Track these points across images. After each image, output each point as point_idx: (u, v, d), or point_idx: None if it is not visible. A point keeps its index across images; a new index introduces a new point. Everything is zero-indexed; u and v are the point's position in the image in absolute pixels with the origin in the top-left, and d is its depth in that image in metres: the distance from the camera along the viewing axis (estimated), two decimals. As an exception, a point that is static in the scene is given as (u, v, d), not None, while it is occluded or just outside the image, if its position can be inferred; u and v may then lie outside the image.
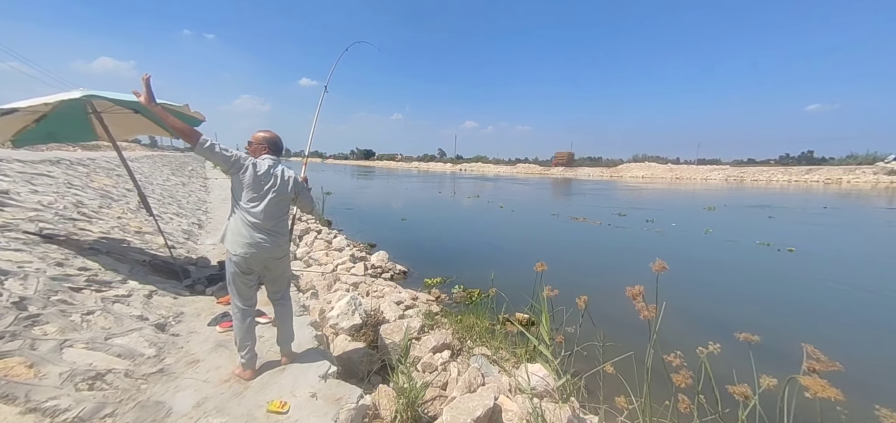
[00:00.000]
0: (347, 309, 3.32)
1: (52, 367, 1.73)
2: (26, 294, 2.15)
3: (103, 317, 2.35)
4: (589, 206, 16.42)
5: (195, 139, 1.84)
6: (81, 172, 6.74)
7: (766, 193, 27.17)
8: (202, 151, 1.86)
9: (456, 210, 15.57)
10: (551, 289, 2.65)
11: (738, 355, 1.79)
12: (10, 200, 3.67)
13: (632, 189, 29.92)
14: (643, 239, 9.51)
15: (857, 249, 8.77)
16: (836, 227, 11.78)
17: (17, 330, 1.84)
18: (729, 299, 5.63)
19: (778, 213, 14.76)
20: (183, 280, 3.58)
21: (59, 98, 2.63)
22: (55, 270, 2.61)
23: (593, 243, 9.21)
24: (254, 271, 2.05)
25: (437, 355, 3.00)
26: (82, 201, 4.85)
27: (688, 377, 1.65)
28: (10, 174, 4.63)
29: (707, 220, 12.76)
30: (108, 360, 1.98)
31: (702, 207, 16.12)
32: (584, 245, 9.01)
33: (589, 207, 16.00)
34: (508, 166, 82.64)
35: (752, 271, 6.91)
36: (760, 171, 52.11)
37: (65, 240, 3.30)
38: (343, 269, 5.64)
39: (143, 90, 1.89)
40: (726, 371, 1.89)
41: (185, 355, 2.33)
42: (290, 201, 2.17)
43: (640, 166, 64.30)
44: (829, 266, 7.23)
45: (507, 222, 12.23)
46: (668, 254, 7.86)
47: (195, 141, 1.84)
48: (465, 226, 11.71)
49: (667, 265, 1.61)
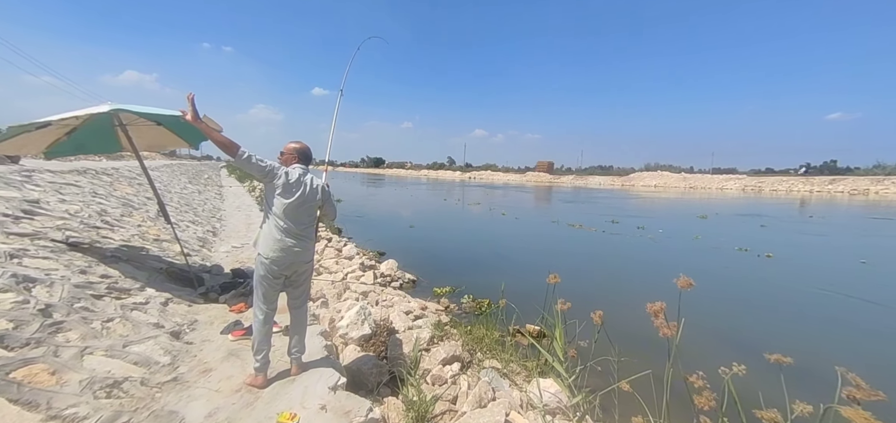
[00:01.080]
0: (357, 319, 3.32)
1: (73, 374, 1.78)
2: (52, 301, 2.23)
3: (122, 324, 2.41)
4: (587, 214, 17.09)
5: (235, 151, 1.97)
6: (105, 181, 7.02)
7: (785, 203, 26.39)
8: (241, 162, 1.99)
9: (461, 218, 15.81)
10: (564, 302, 2.60)
11: (760, 375, 1.71)
12: (40, 210, 3.84)
13: (635, 198, 30.15)
14: (634, 245, 10.03)
15: (833, 256, 9.27)
16: (821, 235, 12.23)
17: (42, 337, 1.90)
18: (698, 299, 5.92)
19: (772, 223, 15.01)
20: (197, 288, 3.65)
21: (89, 112, 2.76)
22: (79, 277, 2.71)
23: (589, 249, 9.64)
24: (281, 276, 2.13)
25: (447, 367, 2.96)
26: (106, 210, 5.04)
27: (711, 399, 1.57)
28: (40, 184, 4.86)
29: (698, 228, 13.26)
30: (126, 368, 2.02)
31: (695, 216, 16.74)
32: (579, 251, 9.40)
33: (586, 214, 16.64)
34: (518, 175, 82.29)
35: (723, 273, 7.39)
36: (780, 181, 50.52)
37: (88, 248, 3.42)
38: (353, 277, 5.66)
39: (188, 109, 2.01)
40: (748, 393, 1.80)
41: (198, 363, 2.36)
42: (317, 208, 2.25)
43: (652, 175, 63.12)
44: (801, 271, 7.67)
45: (510, 231, 12.47)
46: (652, 258, 8.72)
47: (235, 153, 1.97)
48: (471, 234, 11.88)
49: (693, 281, 1.55)
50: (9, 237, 2.85)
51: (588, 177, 70.74)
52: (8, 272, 2.25)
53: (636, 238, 11.01)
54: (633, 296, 5.80)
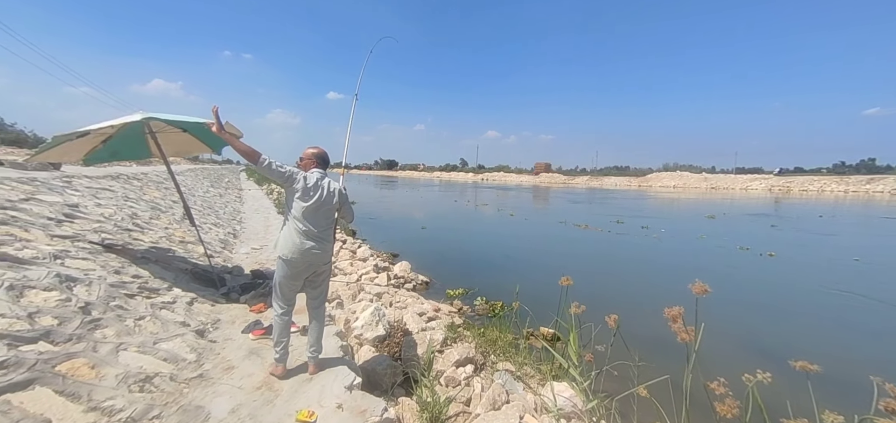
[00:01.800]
0: (371, 320, 3.38)
1: (110, 369, 1.89)
2: (90, 299, 2.38)
3: (152, 322, 2.55)
4: (594, 214, 17.31)
5: (256, 159, 2.07)
6: (136, 186, 7.42)
7: (816, 205, 25.18)
8: (261, 168, 2.08)
9: (473, 219, 16.07)
10: (578, 305, 2.56)
11: (781, 381, 1.64)
12: (79, 213, 4.10)
13: (647, 198, 30.16)
14: (638, 245, 10.17)
15: (835, 254, 9.25)
16: (828, 235, 12.19)
17: (83, 333, 2.04)
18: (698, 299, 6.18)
19: (782, 223, 14.94)
20: (219, 288, 3.81)
21: (123, 121, 2.94)
22: (113, 277, 2.88)
23: (593, 249, 9.76)
24: (301, 277, 2.21)
25: (461, 369, 2.97)
26: (136, 213, 5.33)
27: (734, 407, 1.52)
28: (79, 189, 5.19)
29: (704, 227, 13.34)
30: (156, 364, 2.14)
31: (703, 216, 16.85)
32: (584, 252, 9.50)
33: (593, 215, 16.87)
34: (531, 176, 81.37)
35: (723, 272, 7.52)
36: (810, 180, 47.89)
37: (121, 249, 3.63)
38: (367, 279, 5.76)
39: (213, 120, 2.14)
40: (770, 399, 1.73)
41: (221, 361, 2.46)
42: (335, 211, 2.32)
43: (670, 176, 61.12)
44: (802, 269, 7.76)
45: (519, 231, 12.62)
46: (652, 257, 8.80)
47: (256, 160, 2.07)
48: (482, 235, 12.02)
49: (708, 288, 1.51)
50: (53, 239, 3.07)
51: (603, 178, 69.17)
52: (53, 272, 2.42)
53: (640, 238, 11.15)
54: (639, 297, 5.94)
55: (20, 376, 1.56)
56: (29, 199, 3.83)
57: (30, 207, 3.56)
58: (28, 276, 2.26)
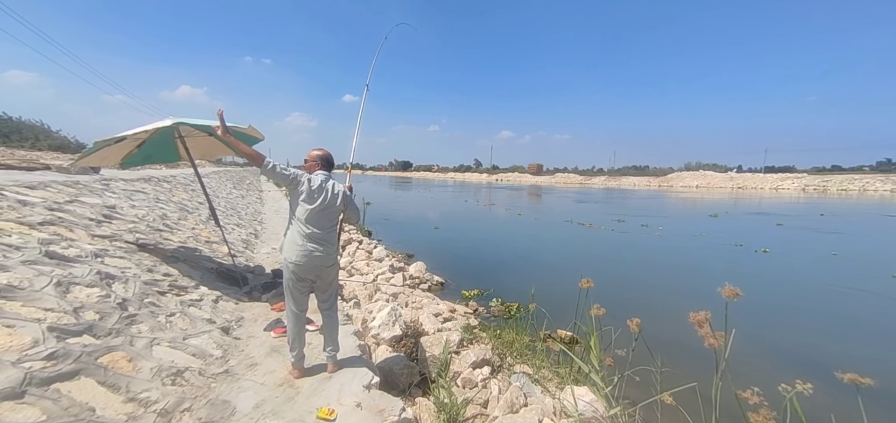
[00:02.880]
0: (388, 320, 3.42)
1: (145, 362, 2.00)
2: (127, 296, 2.52)
3: (181, 319, 2.68)
4: (599, 213, 17.85)
5: (261, 162, 2.12)
6: (166, 188, 7.81)
7: (858, 204, 23.73)
8: (266, 171, 2.14)
9: (482, 218, 16.54)
10: (599, 308, 2.50)
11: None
12: (116, 214, 4.37)
13: (660, 198, 30.48)
14: (637, 244, 10.46)
15: (828, 251, 9.51)
16: (836, 233, 12.27)
17: (121, 328, 2.16)
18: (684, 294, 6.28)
19: (789, 221, 15.12)
20: (242, 287, 3.95)
21: (156, 126, 3.11)
22: (147, 275, 3.04)
23: (591, 249, 9.95)
24: (307, 279, 2.23)
25: (477, 370, 2.95)
26: (166, 214, 5.61)
27: (769, 419, 1.44)
28: (116, 191, 5.52)
29: (706, 225, 13.81)
30: (186, 358, 2.24)
31: (707, 215, 17.34)
32: (585, 251, 9.69)
33: (599, 214, 17.41)
34: (547, 176, 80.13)
35: (712, 266, 7.99)
36: (850, 179, 44.59)
37: (153, 248, 3.83)
38: (383, 279, 5.82)
39: (219, 123, 2.19)
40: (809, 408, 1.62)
41: (245, 358, 2.55)
42: (339, 213, 2.32)
43: (693, 175, 58.69)
44: (795, 264, 8.18)
45: (528, 231, 12.87)
46: (647, 254, 9.27)
47: (261, 163, 2.12)
48: (493, 234, 12.22)
49: (740, 292, 1.44)
50: (94, 239, 3.28)
51: (621, 178, 67.22)
52: (94, 270, 2.58)
53: (639, 236, 11.54)
54: (643, 296, 5.95)
55: (68, 366, 1.68)
56: (73, 201, 4.11)
57: (74, 209, 3.82)
58: (73, 273, 2.42)
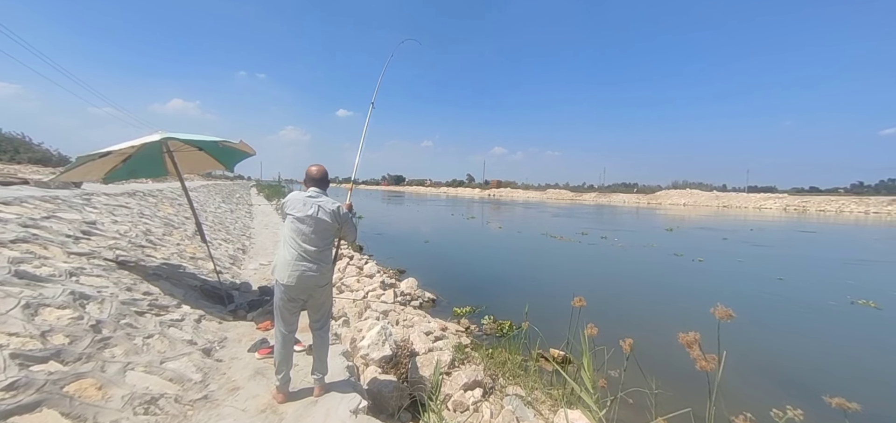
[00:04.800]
0: (378, 339, 3.33)
1: (117, 390, 1.89)
2: (102, 317, 2.40)
3: (160, 341, 2.55)
4: (569, 227, 19.26)
5: None
6: (151, 202, 7.61)
7: (834, 225, 25.23)
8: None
9: (468, 231, 17.38)
10: (592, 327, 2.49)
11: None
12: (96, 230, 4.21)
13: (635, 213, 32.36)
14: (595, 256, 11.48)
15: (754, 263, 10.60)
16: (760, 246, 13.83)
17: (92, 352, 2.04)
18: (621, 287, 7.57)
19: (731, 235, 17.12)
20: (227, 305, 3.82)
21: (143, 141, 3.04)
22: (125, 294, 2.91)
23: (555, 261, 10.56)
24: (298, 299, 2.14)
25: (469, 393, 2.88)
26: (150, 229, 5.44)
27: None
28: (97, 206, 5.34)
29: (659, 238, 15.49)
30: (162, 384, 2.12)
31: (663, 229, 19.41)
32: (553, 263, 10.33)
33: (568, 228, 18.90)
34: (538, 191, 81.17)
35: (651, 268, 9.63)
36: (827, 200, 46.74)
37: (134, 265, 3.69)
38: (374, 296, 5.71)
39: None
40: None
41: (226, 381, 2.43)
42: (335, 231, 2.24)
43: (680, 193, 60.23)
44: (718, 270, 9.45)
45: (511, 245, 13.58)
46: (610, 259, 10.88)
47: None
48: (481, 249, 12.52)
49: (733, 313, 1.45)
50: (70, 256, 3.14)
51: (611, 194, 68.50)
52: (68, 290, 2.46)
53: (598, 248, 12.68)
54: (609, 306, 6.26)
55: (29, 397, 1.56)
56: (50, 217, 3.95)
57: (50, 225, 3.67)
58: (44, 293, 2.30)
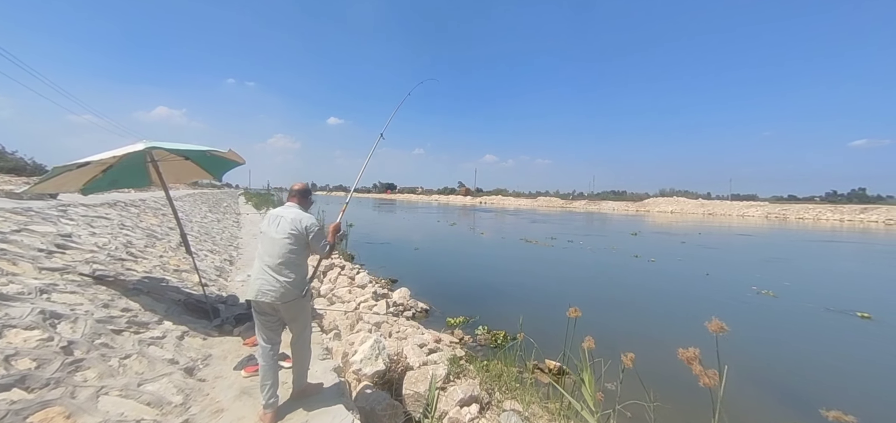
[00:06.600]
0: (371, 353, 3.22)
1: (88, 418, 1.75)
2: (74, 338, 2.25)
3: (138, 361, 2.41)
4: (542, 232, 20.57)
5: None
6: (133, 212, 7.34)
7: (812, 232, 26.68)
8: None
9: (454, 237, 17.80)
10: (591, 340, 2.45)
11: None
12: (72, 243, 4.00)
13: (616, 220, 33.61)
14: (566, 257, 12.52)
15: (696, 263, 11.64)
16: (709, 248, 15.19)
17: (61, 377, 1.90)
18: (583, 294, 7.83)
19: (690, 239, 18.64)
20: (213, 320, 3.65)
21: (126, 151, 2.90)
22: (101, 312, 2.75)
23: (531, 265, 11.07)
24: (268, 313, 2.11)
25: (465, 409, 2.79)
26: (131, 241, 5.22)
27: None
28: (74, 218, 5.10)
29: (622, 241, 16.59)
30: (139, 409, 1.98)
31: (628, 233, 20.83)
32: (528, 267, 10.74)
33: (541, 233, 20.23)
34: (529, 199, 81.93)
35: (610, 268, 10.51)
36: (806, 208, 48.80)
37: (113, 280, 3.50)
38: (365, 307, 5.58)
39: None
40: None
41: (210, 402, 2.30)
42: (301, 245, 2.15)
43: (667, 201, 61.74)
44: (667, 270, 10.39)
45: (497, 251, 13.86)
46: (569, 257, 12.32)
47: None
48: (470, 258, 12.57)
49: (726, 326, 1.44)
50: (41, 272, 2.96)
51: (601, 202, 69.64)
52: (37, 309, 2.30)
53: (565, 252, 13.62)
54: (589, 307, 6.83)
55: (-13, 429, 1.43)
56: (21, 230, 3.74)
57: (21, 239, 3.47)
58: (10, 313, 2.15)
